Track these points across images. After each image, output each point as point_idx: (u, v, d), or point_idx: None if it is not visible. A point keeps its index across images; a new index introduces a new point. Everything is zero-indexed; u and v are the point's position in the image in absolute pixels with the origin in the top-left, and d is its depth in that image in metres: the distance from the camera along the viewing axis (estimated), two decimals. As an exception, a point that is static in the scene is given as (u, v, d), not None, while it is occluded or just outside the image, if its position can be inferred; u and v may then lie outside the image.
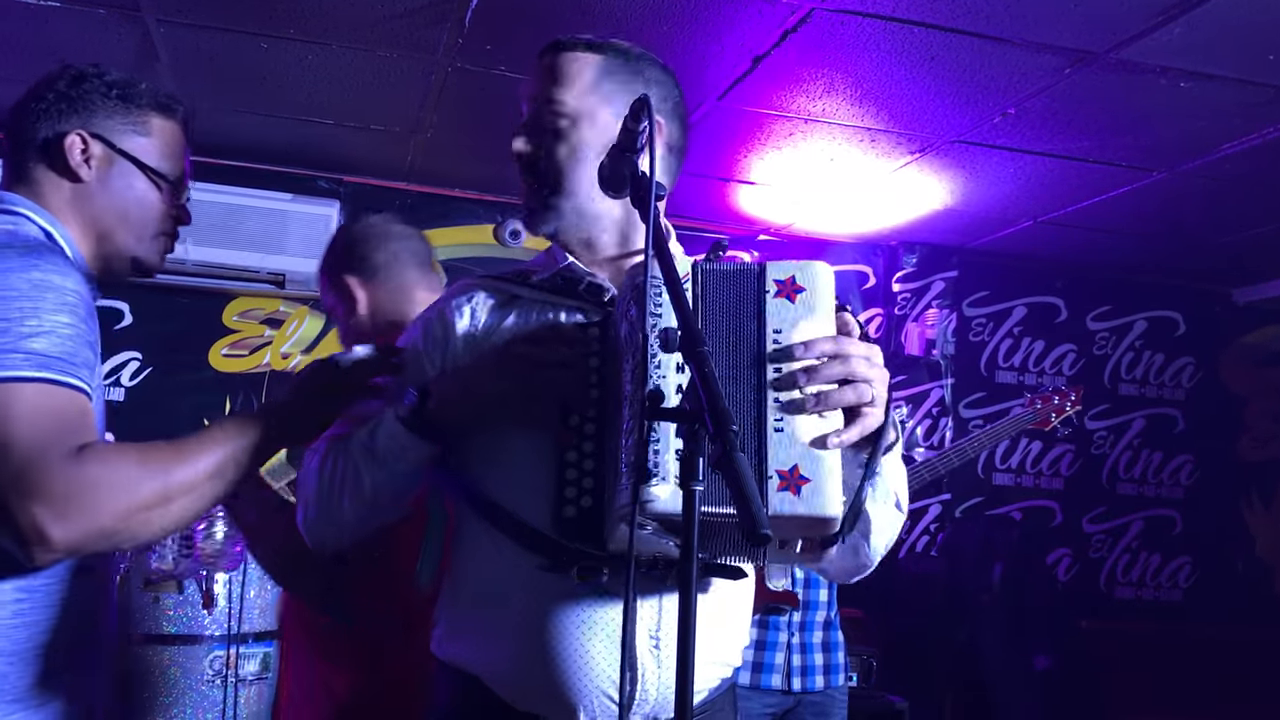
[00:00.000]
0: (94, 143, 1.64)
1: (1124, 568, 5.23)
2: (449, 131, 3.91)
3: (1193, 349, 5.38)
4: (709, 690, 1.56)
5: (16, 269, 1.44)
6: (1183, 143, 3.53)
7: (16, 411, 1.36)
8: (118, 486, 1.39)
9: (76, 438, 1.38)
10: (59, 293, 1.45)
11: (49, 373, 1.40)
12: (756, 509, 1.08)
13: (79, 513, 1.35)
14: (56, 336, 1.42)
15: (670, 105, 1.65)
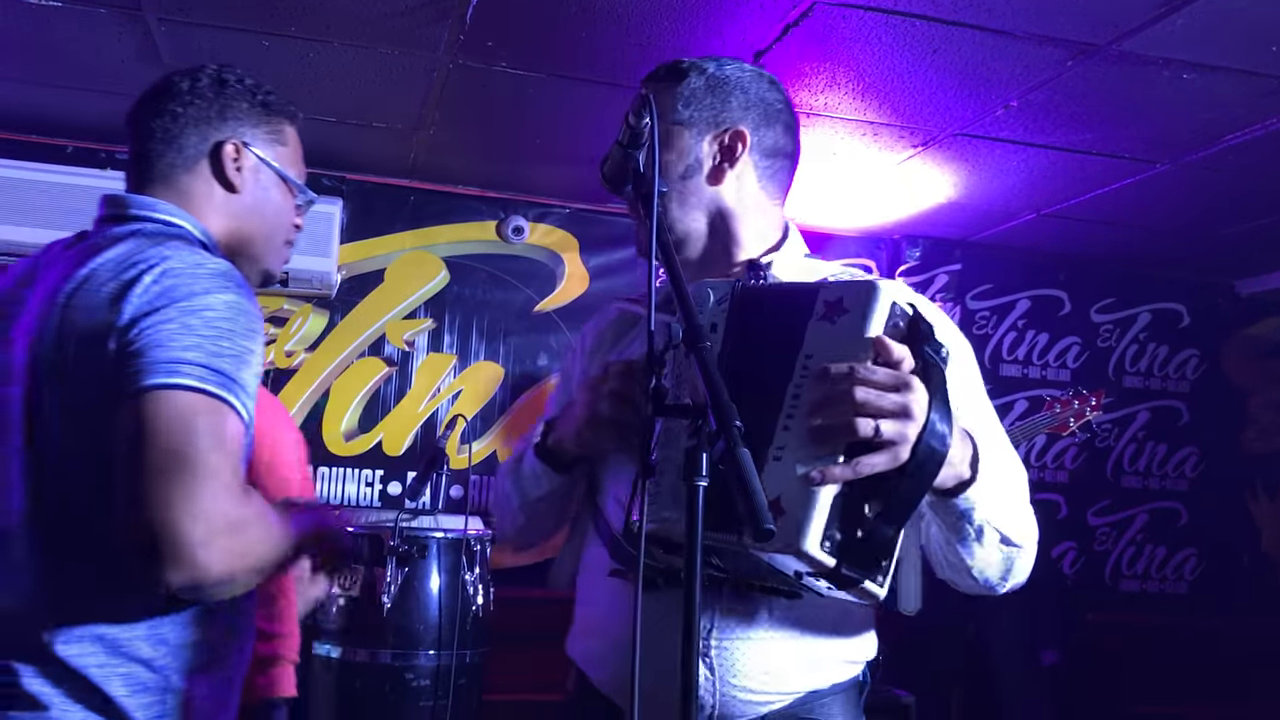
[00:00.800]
0: (245, 153, 1.64)
1: (1129, 560, 5.23)
2: (451, 128, 3.91)
3: (1197, 341, 5.37)
4: (788, 700, 1.53)
5: (214, 289, 1.42)
6: (1186, 134, 3.52)
7: (199, 425, 1.32)
8: (263, 542, 1.41)
9: (239, 473, 1.38)
10: (249, 318, 1.44)
11: (230, 395, 1.37)
12: (759, 504, 1.08)
13: (227, 549, 1.32)
14: (242, 362, 1.40)
15: (759, 110, 1.63)
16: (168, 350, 1.35)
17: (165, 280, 1.41)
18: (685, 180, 1.61)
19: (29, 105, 3.89)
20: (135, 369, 1.34)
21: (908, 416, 1.24)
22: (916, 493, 1.27)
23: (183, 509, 1.28)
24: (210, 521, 1.29)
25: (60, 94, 3.76)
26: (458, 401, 4.49)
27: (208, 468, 1.31)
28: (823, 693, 1.56)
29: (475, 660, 3.40)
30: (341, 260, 4.35)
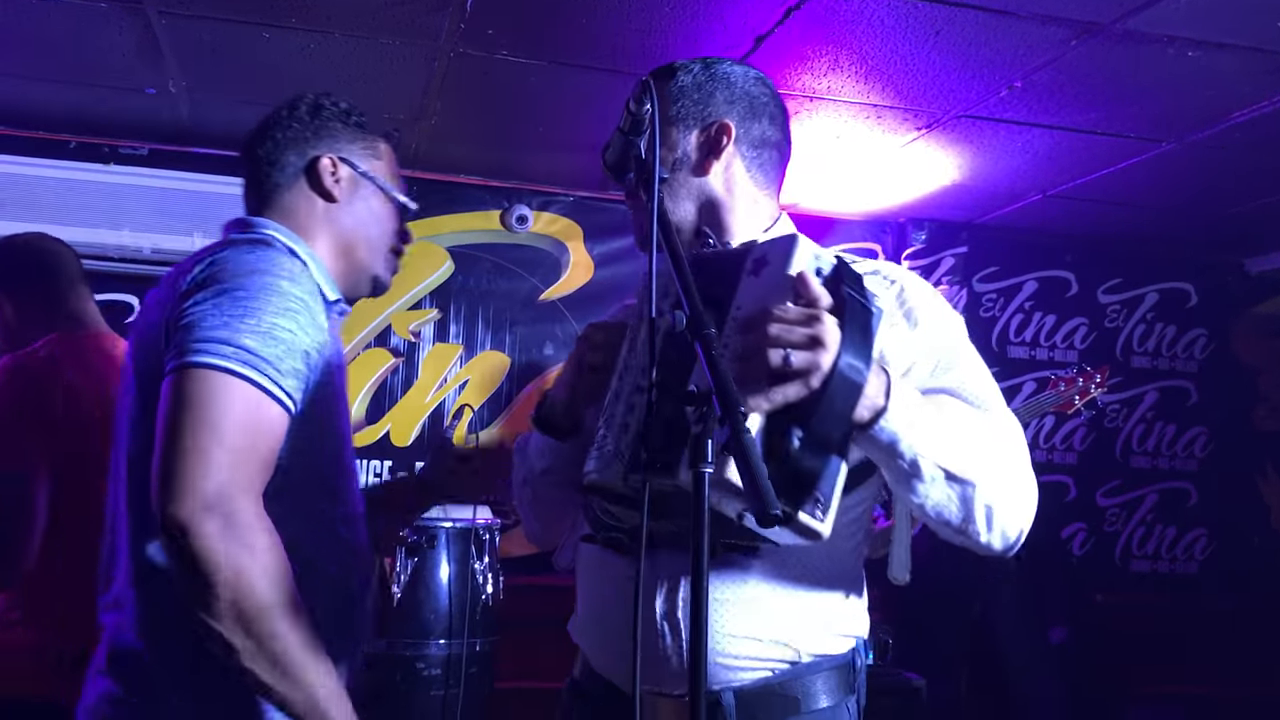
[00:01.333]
0: (341, 165, 1.75)
1: (1139, 541, 5.23)
2: (453, 118, 3.91)
3: (1205, 320, 5.36)
4: (768, 672, 1.53)
5: (247, 272, 1.52)
6: (1191, 112, 3.50)
7: (217, 407, 1.41)
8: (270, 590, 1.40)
9: (261, 467, 1.44)
10: (282, 298, 1.51)
11: (255, 373, 1.44)
12: (764, 488, 1.08)
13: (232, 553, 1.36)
14: (271, 339, 1.47)
15: (745, 104, 1.67)
16: (198, 330, 1.45)
17: (210, 269, 1.53)
18: (675, 173, 1.65)
19: (31, 100, 3.89)
20: (172, 351, 1.46)
21: (819, 346, 1.26)
22: (833, 420, 1.28)
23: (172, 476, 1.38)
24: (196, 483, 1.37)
25: (62, 89, 3.76)
26: (464, 391, 4.50)
27: (206, 440, 1.39)
28: (805, 667, 1.55)
29: (486, 649, 3.42)
30: (346, 251, 4.35)
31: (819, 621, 1.57)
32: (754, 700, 1.52)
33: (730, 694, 1.52)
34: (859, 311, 1.32)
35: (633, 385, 1.42)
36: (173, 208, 4.11)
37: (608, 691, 1.60)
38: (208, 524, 1.36)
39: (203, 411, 1.40)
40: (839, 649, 1.59)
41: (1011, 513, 1.45)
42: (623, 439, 1.38)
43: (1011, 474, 1.46)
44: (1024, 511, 1.47)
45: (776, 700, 1.53)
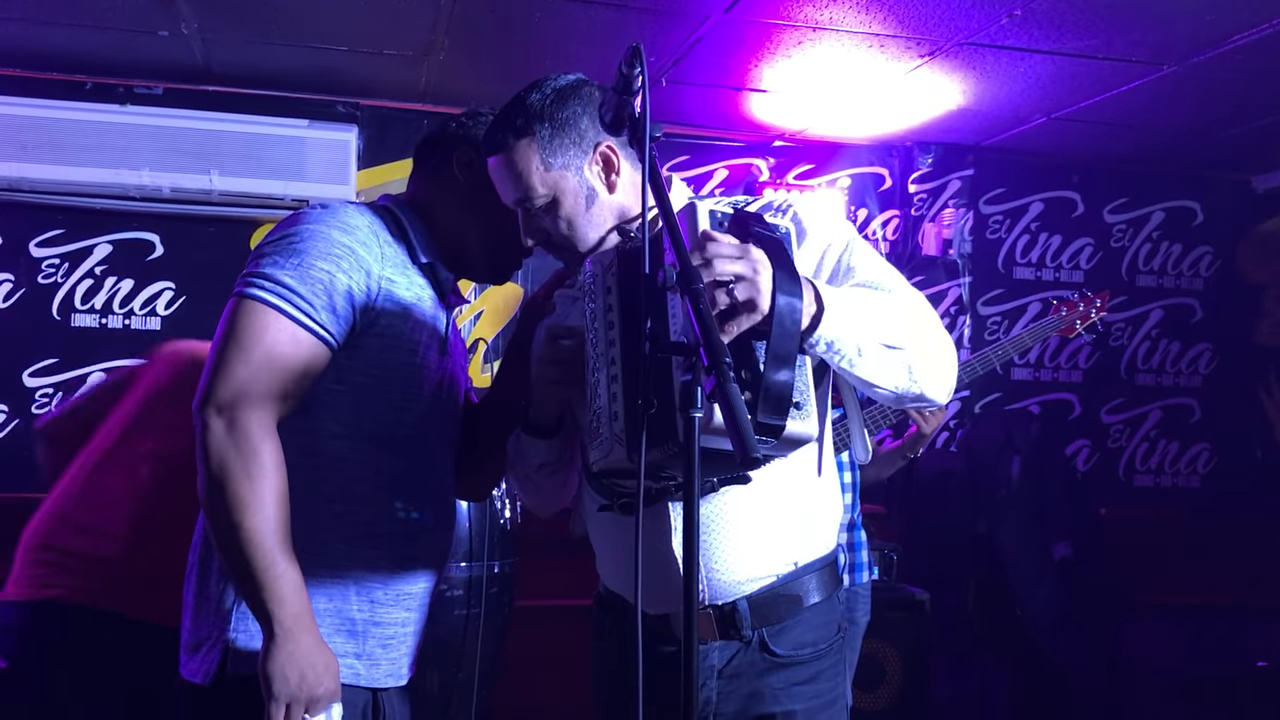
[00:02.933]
0: (477, 159, 1.91)
1: (1143, 456, 5.33)
2: (461, 53, 3.95)
3: (1211, 238, 5.40)
4: (772, 578, 1.78)
5: (306, 223, 1.78)
6: (1191, 36, 3.53)
7: (248, 331, 1.68)
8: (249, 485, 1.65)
9: (277, 384, 1.69)
10: (329, 244, 1.75)
11: (288, 305, 1.70)
12: (745, 432, 1.19)
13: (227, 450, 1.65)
14: (309, 278, 1.72)
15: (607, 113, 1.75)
16: (250, 268, 1.74)
17: (283, 223, 1.81)
18: (590, 207, 1.78)
19: (48, 43, 3.95)
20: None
21: (755, 274, 1.40)
22: (786, 336, 1.42)
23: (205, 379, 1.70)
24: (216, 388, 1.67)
25: (77, 32, 3.82)
26: (479, 323, 4.59)
27: (233, 355, 1.68)
28: (801, 570, 1.81)
29: (505, 570, 3.57)
30: (360, 186, 4.43)
31: (809, 528, 1.82)
32: (764, 604, 1.78)
33: (744, 602, 1.77)
34: (770, 242, 1.46)
35: (606, 375, 1.58)
36: (188, 146, 4.17)
37: (631, 609, 1.80)
38: (215, 423, 1.66)
39: (235, 333, 1.69)
40: (825, 550, 1.85)
41: (941, 367, 1.67)
42: (614, 425, 1.54)
43: (931, 337, 1.67)
44: (950, 363, 1.70)
45: (781, 601, 1.79)
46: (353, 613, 1.80)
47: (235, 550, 1.65)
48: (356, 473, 1.81)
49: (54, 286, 4.28)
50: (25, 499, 4.13)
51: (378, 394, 1.82)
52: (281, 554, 1.65)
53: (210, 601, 1.77)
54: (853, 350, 1.55)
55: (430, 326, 1.89)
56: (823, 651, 1.83)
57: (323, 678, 1.66)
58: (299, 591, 1.66)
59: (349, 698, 1.75)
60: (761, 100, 4.37)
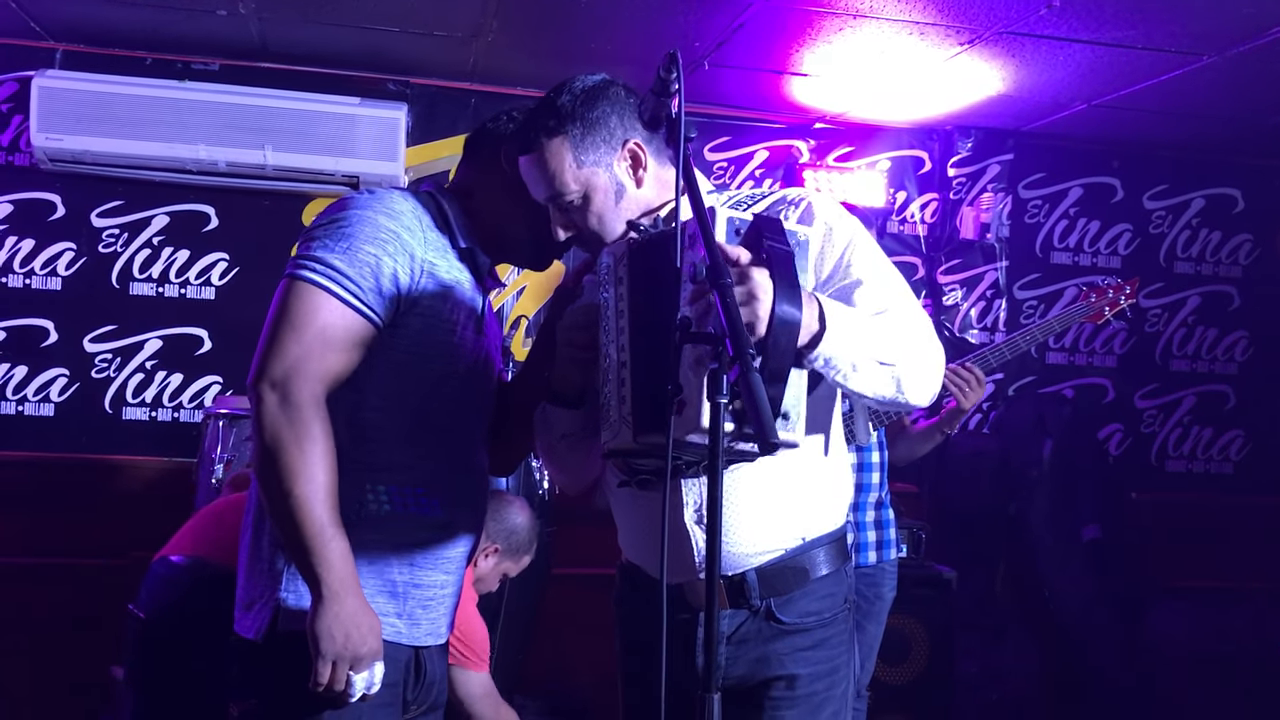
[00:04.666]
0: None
1: (1175, 441, 5.37)
2: (509, 34, 4.05)
3: (1251, 225, 5.39)
4: (781, 551, 1.88)
5: (353, 209, 1.90)
6: (1230, 28, 3.56)
7: (299, 311, 1.81)
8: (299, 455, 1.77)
9: (327, 361, 1.81)
10: (375, 228, 1.87)
11: (336, 286, 1.82)
12: (765, 421, 1.29)
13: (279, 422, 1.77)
14: (356, 260, 1.84)
15: (630, 116, 1.87)
16: (301, 249, 1.87)
17: (331, 207, 1.93)
18: (619, 202, 1.87)
19: (109, 21, 4.08)
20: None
21: (754, 299, 1.50)
22: (780, 354, 1.52)
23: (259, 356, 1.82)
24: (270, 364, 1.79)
25: (138, 10, 3.95)
26: (521, 298, 4.71)
27: (286, 334, 1.80)
28: (810, 543, 1.90)
29: (543, 538, 3.68)
30: (409, 163, 4.54)
31: (817, 505, 1.92)
32: (772, 575, 1.88)
33: (753, 573, 1.88)
34: (781, 257, 1.55)
35: (615, 364, 1.69)
36: (243, 122, 4.29)
37: (651, 581, 1.95)
38: (269, 396, 1.79)
39: (288, 312, 1.82)
40: (835, 525, 1.95)
41: (927, 379, 1.79)
42: (623, 408, 1.66)
43: (922, 351, 1.77)
44: (936, 375, 1.82)
45: (790, 573, 1.90)
46: (394, 575, 1.92)
47: (286, 516, 1.77)
48: (397, 443, 1.93)
49: (113, 256, 4.44)
50: (85, 460, 4.35)
51: (418, 370, 1.94)
52: (329, 521, 1.77)
53: (263, 563, 1.89)
54: (848, 367, 1.66)
55: (468, 307, 2.00)
56: (827, 620, 1.92)
57: (366, 638, 1.78)
58: (345, 557, 1.78)
59: (393, 654, 1.88)
60: (802, 83, 4.43)
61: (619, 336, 1.69)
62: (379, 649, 1.81)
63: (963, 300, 5.05)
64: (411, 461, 1.94)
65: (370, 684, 1.80)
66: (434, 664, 2.03)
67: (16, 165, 4.33)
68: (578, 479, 2.09)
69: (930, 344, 1.80)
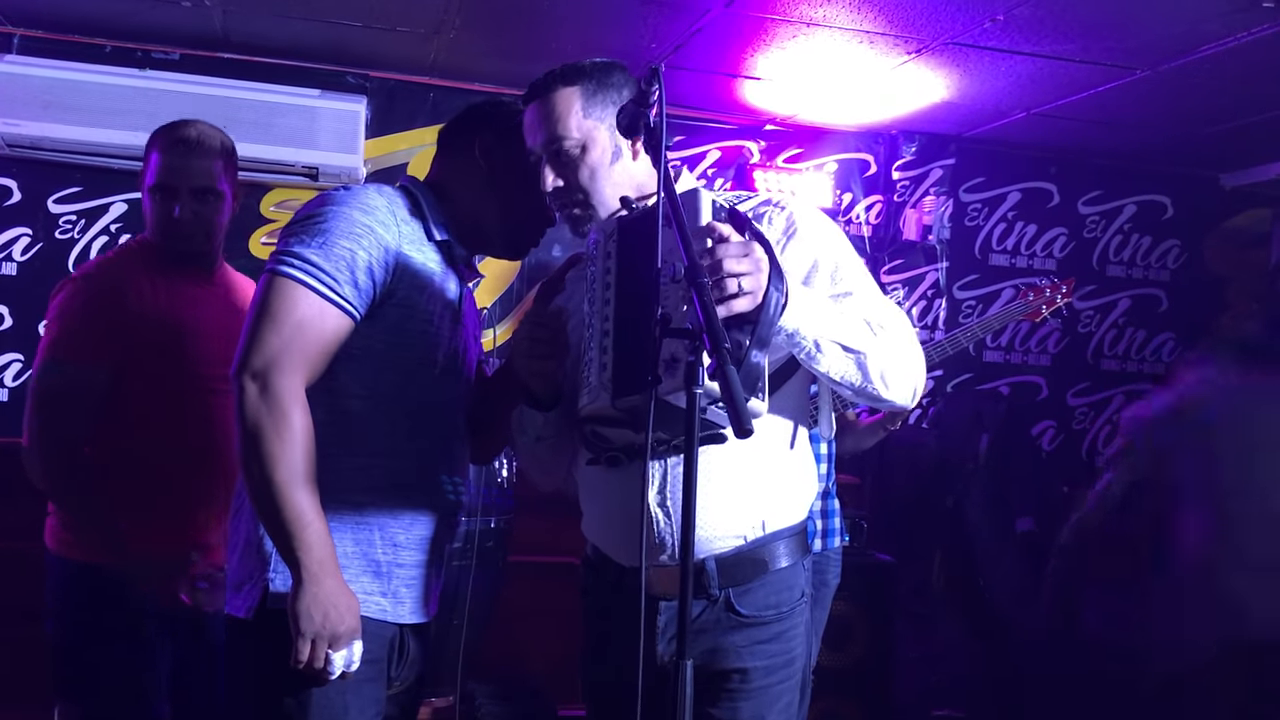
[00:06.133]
0: (496, 146, 2.13)
1: (1105, 438, 5.58)
2: (470, 31, 4.12)
3: (1179, 232, 5.63)
4: (740, 540, 1.95)
5: (329, 204, 1.97)
6: (1162, 45, 3.74)
7: (276, 304, 1.89)
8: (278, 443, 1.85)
9: (306, 353, 1.89)
10: (350, 223, 1.95)
11: (313, 280, 1.90)
12: (741, 409, 1.41)
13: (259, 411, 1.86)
14: (332, 255, 1.92)
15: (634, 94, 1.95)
16: (279, 245, 1.95)
17: (309, 204, 2.01)
18: (614, 164, 1.97)
19: (70, 7, 4.09)
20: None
21: (759, 270, 1.64)
22: (769, 324, 1.66)
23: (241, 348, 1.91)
24: (256, 385, 1.87)
25: None
26: (476, 290, 4.79)
27: (266, 327, 1.89)
28: (770, 535, 1.97)
29: (500, 525, 3.79)
30: (367, 155, 4.59)
31: (778, 496, 1.99)
32: (731, 564, 1.94)
33: (712, 560, 1.94)
34: (763, 239, 1.69)
35: (599, 331, 1.79)
36: (205, 112, 4.26)
37: (615, 566, 2.03)
38: (250, 387, 1.87)
39: (267, 306, 1.90)
40: (795, 519, 2.02)
41: (901, 374, 1.87)
42: (603, 374, 1.76)
43: (894, 347, 1.86)
44: (911, 373, 1.89)
45: (748, 563, 1.96)
46: (377, 555, 2.00)
47: (266, 502, 1.85)
48: (377, 430, 2.01)
49: (70, 242, 4.44)
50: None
51: (395, 359, 2.02)
52: (308, 505, 1.85)
53: (251, 546, 1.97)
54: (810, 344, 1.78)
55: (444, 298, 2.08)
56: (784, 614, 1.97)
57: (344, 617, 1.86)
58: (324, 540, 1.86)
59: (378, 631, 1.97)
60: (755, 86, 4.56)
61: (604, 308, 1.80)
62: (357, 628, 1.89)
63: (904, 299, 5.23)
64: (391, 448, 2.03)
65: (350, 662, 1.88)
66: (417, 642, 2.12)
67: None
68: (550, 475, 2.17)
69: (905, 343, 1.89)
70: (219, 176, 2.68)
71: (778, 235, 1.92)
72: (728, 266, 1.60)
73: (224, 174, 2.69)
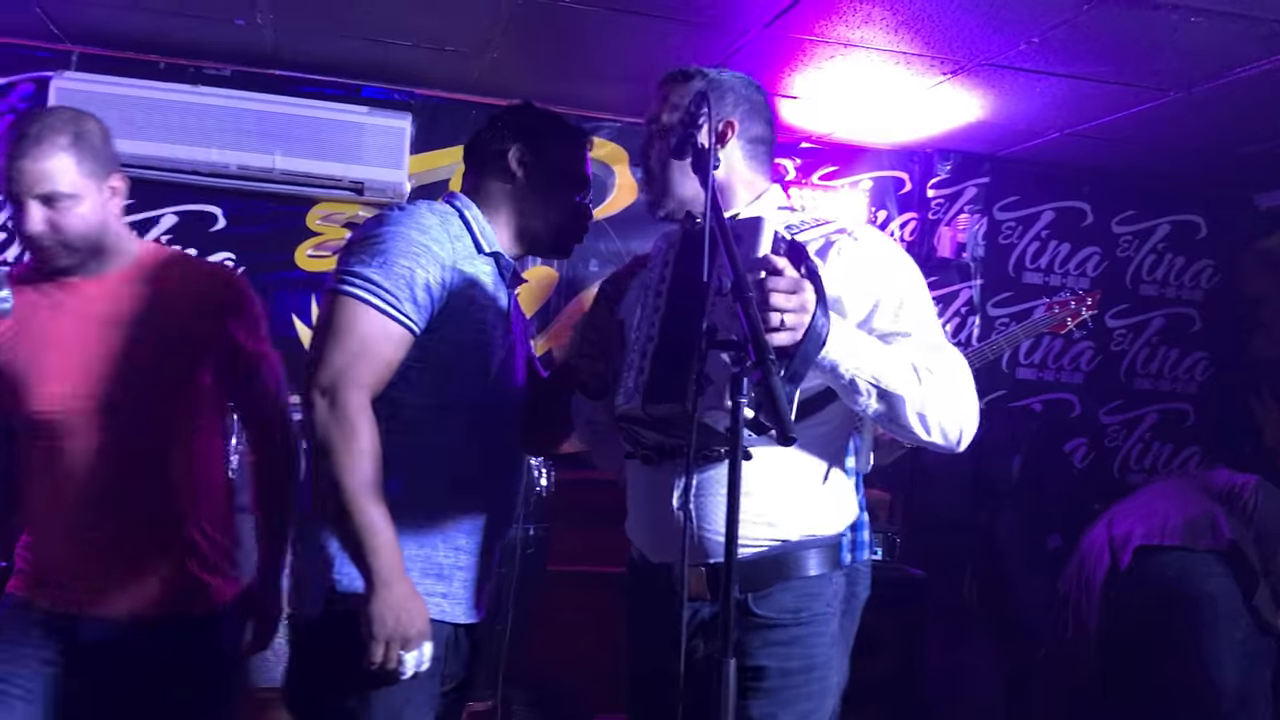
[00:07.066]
0: (526, 153, 2.25)
1: (1138, 455, 5.61)
2: (514, 52, 4.22)
3: (1213, 251, 5.65)
4: (762, 547, 2.00)
5: (390, 224, 2.08)
6: (1194, 68, 3.79)
7: (341, 322, 2.00)
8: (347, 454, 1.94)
9: (370, 367, 1.99)
10: (409, 243, 2.05)
11: (375, 299, 2.00)
12: (785, 418, 1.48)
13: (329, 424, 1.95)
14: (392, 273, 2.01)
15: (746, 107, 2.13)
16: (341, 265, 2.06)
17: (367, 223, 2.12)
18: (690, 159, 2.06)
19: (125, 25, 4.21)
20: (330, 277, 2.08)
21: (804, 309, 1.71)
22: (806, 360, 1.73)
23: (309, 366, 2.01)
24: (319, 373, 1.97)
25: (155, 17, 4.08)
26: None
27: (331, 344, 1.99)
28: (795, 544, 2.02)
29: (539, 534, 3.86)
30: (411, 170, 4.69)
31: (800, 508, 2.04)
32: (750, 569, 1.98)
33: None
34: (816, 276, 1.76)
35: (645, 337, 1.89)
36: (254, 127, 4.43)
37: (649, 565, 2.12)
38: (320, 402, 1.97)
39: (332, 324, 2.01)
40: (826, 531, 2.07)
41: (941, 419, 1.91)
42: (640, 379, 1.86)
43: (940, 391, 1.90)
44: (956, 417, 1.93)
45: (769, 568, 2.01)
46: (439, 558, 2.10)
47: (338, 510, 1.94)
48: (438, 438, 2.11)
49: (123, 252, 4.56)
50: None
51: (453, 369, 2.12)
52: (377, 513, 1.94)
53: (316, 548, 2.07)
54: (846, 381, 1.84)
55: (495, 307, 2.19)
56: (804, 620, 2.01)
57: (415, 620, 1.95)
58: (393, 545, 1.95)
59: (437, 631, 2.05)
60: (791, 105, 4.64)
61: (653, 315, 1.90)
62: (427, 630, 1.98)
63: (938, 316, 5.26)
64: (452, 454, 2.12)
65: (420, 662, 1.97)
66: (469, 642, 2.22)
67: (31, 163, 4.45)
68: (609, 461, 2.28)
69: (955, 391, 1.93)
70: (68, 176, 2.19)
71: (844, 267, 1.96)
72: (774, 301, 1.68)
73: (78, 170, 2.21)
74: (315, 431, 1.96)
